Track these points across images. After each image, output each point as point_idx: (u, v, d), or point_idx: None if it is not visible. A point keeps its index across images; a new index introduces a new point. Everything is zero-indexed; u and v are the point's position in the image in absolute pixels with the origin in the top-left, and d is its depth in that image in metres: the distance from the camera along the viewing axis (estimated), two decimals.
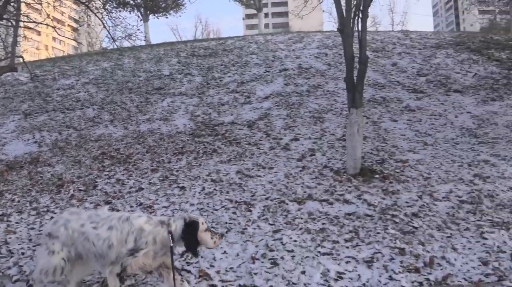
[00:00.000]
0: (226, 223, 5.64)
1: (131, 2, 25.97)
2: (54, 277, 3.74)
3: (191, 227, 3.65)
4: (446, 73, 13.00)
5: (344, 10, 7.02)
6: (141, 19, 26.47)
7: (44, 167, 8.39)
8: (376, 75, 12.49)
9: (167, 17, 28.87)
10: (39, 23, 10.02)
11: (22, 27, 12.12)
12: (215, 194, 6.58)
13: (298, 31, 20.57)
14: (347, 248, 4.96)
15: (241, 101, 10.80)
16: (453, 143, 8.63)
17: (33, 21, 10.47)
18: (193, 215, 3.88)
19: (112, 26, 11.42)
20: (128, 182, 7.32)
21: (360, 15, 6.91)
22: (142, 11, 26.94)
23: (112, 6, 20.72)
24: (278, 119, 9.58)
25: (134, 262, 3.57)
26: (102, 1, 12.02)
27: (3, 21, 9.31)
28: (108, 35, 11.38)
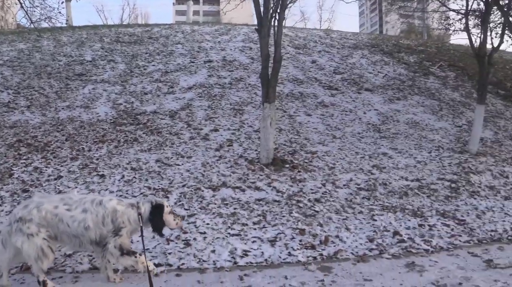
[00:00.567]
0: None
1: None
2: (48, 259, 3.74)
3: (158, 209, 4.00)
4: (360, 73, 14.09)
5: (262, 11, 7.49)
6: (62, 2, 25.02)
7: None
8: (296, 71, 13.24)
9: None
10: None
11: None
12: (134, 182, 6.80)
13: (226, 23, 20.86)
14: (255, 230, 5.50)
15: (164, 91, 10.96)
16: (359, 137, 9.55)
17: None
18: (158, 199, 4.22)
19: (30, 7, 10.89)
20: (47, 171, 7.25)
21: (277, 17, 7.44)
22: None
23: None
24: (200, 110, 9.92)
25: (123, 240, 3.86)
26: None
27: None
28: (26, 16, 10.81)
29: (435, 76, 15.03)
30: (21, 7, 10.55)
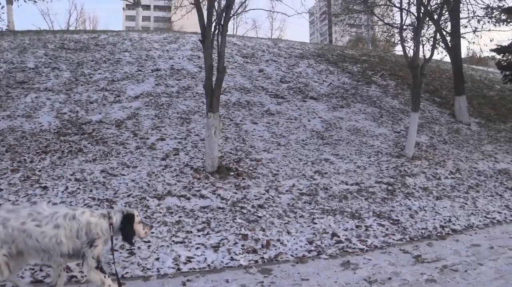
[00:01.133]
0: None
1: None
2: (3, 275, 3.69)
3: (128, 219, 4.07)
4: (306, 81, 14.59)
5: (206, 23, 7.68)
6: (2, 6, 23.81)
7: None
8: (243, 80, 13.51)
9: (36, 1, 26.25)
10: None
11: None
12: (78, 193, 6.74)
13: (175, 31, 20.87)
14: (199, 237, 5.66)
15: (111, 100, 10.86)
16: (303, 144, 9.93)
17: None
18: (129, 209, 4.28)
19: None
20: None
21: (220, 30, 7.67)
22: None
23: None
24: (147, 119, 9.92)
25: (98, 250, 3.88)
26: None
27: None
28: None
29: (377, 85, 15.84)
30: None
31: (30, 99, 10.79)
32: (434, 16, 12.45)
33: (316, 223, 6.43)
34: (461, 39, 15.11)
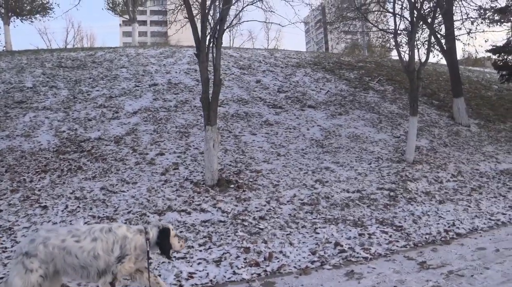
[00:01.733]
0: None
1: None
2: None
3: (165, 234, 4.10)
4: (303, 90, 14.61)
5: (200, 37, 7.71)
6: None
7: None
8: (241, 91, 13.53)
9: (32, 21, 26.29)
10: None
11: None
12: (78, 211, 6.71)
13: (171, 45, 20.97)
14: (200, 251, 5.60)
15: (109, 116, 10.87)
16: (303, 153, 9.90)
17: None
18: (164, 223, 4.32)
19: None
20: None
21: (215, 43, 7.69)
22: (3, 12, 24.13)
23: None
24: (145, 135, 9.92)
25: (122, 268, 3.85)
26: None
27: None
28: None
29: (374, 91, 15.85)
30: None
31: (29, 119, 10.81)
32: (428, 20, 12.50)
33: (319, 233, 6.37)
34: (456, 41, 15.17)
